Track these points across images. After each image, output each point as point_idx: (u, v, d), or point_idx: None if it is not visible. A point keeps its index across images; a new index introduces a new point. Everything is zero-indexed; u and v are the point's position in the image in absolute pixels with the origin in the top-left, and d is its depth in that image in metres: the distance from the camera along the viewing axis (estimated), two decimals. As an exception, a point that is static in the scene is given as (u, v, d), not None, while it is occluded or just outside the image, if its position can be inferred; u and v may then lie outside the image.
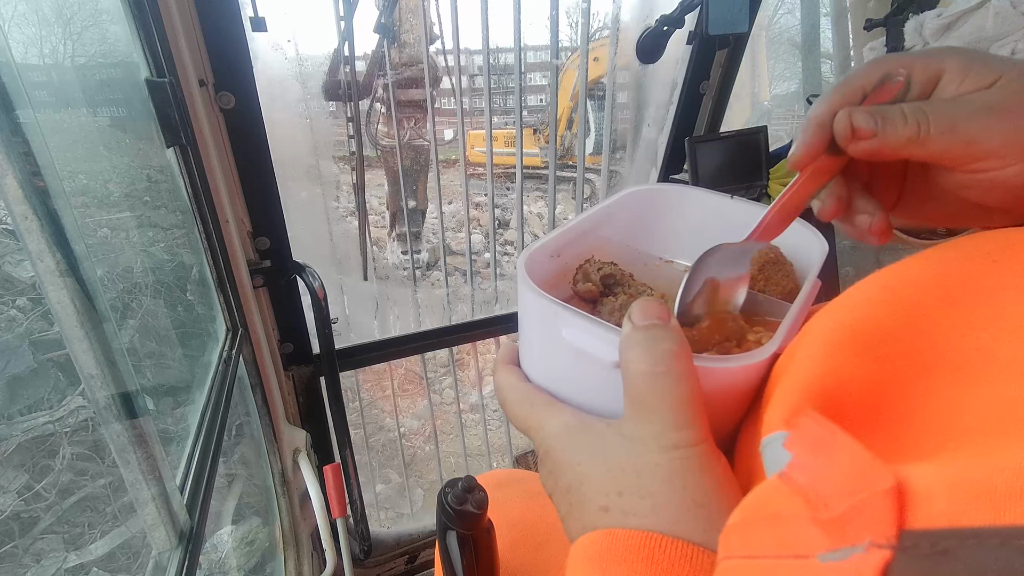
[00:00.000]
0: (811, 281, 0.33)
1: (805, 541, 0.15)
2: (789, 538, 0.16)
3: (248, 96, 0.77)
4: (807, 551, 0.15)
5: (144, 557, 0.90)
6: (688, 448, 0.24)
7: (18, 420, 0.91)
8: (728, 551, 0.19)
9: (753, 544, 0.18)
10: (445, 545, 0.47)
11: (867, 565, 0.13)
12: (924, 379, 0.21)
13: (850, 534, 0.14)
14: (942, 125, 0.25)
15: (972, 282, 0.22)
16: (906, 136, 0.26)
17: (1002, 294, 0.21)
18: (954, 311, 0.22)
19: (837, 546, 0.14)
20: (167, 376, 0.78)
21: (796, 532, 0.16)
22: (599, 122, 4.29)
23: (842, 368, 0.22)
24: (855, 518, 0.14)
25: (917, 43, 0.90)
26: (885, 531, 0.13)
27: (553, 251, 0.37)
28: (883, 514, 0.14)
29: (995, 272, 0.22)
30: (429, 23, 2.32)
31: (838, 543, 0.14)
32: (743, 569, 0.18)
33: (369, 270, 2.10)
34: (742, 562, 0.18)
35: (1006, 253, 0.22)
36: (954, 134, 0.25)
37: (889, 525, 0.13)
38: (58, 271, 0.39)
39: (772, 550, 0.17)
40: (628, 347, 0.25)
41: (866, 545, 0.14)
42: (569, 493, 0.28)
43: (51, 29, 0.68)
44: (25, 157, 0.37)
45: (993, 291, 0.21)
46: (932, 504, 0.13)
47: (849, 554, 0.14)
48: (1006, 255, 0.22)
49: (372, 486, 2.12)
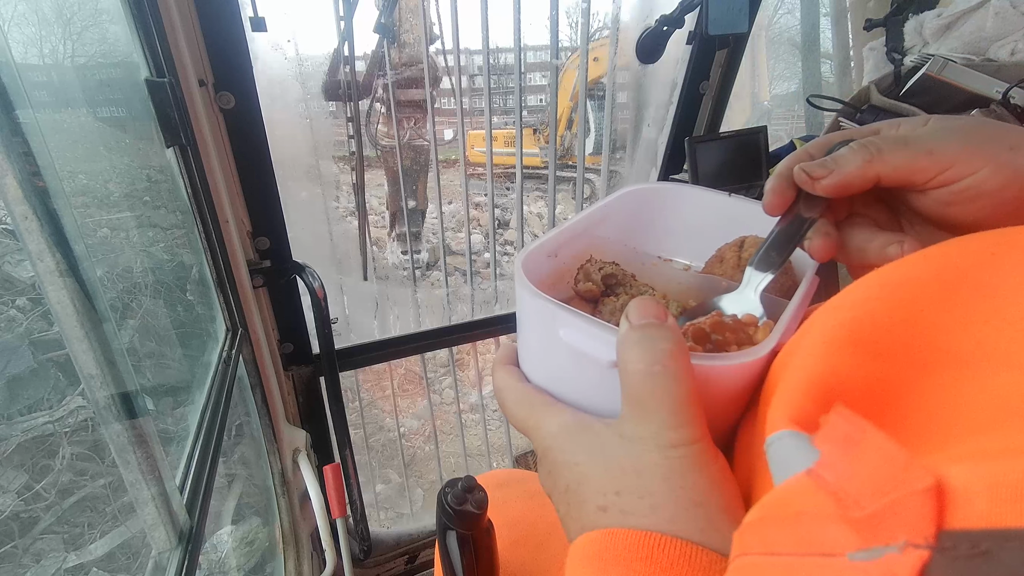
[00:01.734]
0: (809, 278, 0.33)
1: (833, 539, 0.15)
2: (815, 536, 0.16)
3: (248, 96, 0.77)
4: (835, 549, 0.15)
5: (144, 557, 0.90)
6: (686, 447, 0.24)
7: (18, 420, 0.91)
8: (744, 548, 0.19)
9: (774, 541, 0.18)
10: (445, 545, 0.47)
11: (902, 565, 0.13)
12: (926, 375, 0.21)
13: (883, 533, 0.14)
14: (893, 143, 0.29)
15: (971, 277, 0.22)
16: (861, 159, 0.29)
17: (1002, 288, 0.21)
18: (954, 306, 0.22)
19: (868, 545, 0.14)
20: (167, 376, 0.78)
21: (823, 530, 0.16)
22: (599, 122, 4.29)
23: (843, 366, 0.22)
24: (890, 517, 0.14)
25: (917, 43, 0.90)
26: (923, 531, 0.13)
27: (551, 251, 0.38)
28: (921, 513, 0.13)
29: (994, 266, 0.22)
30: (429, 23, 2.33)
31: (870, 542, 0.14)
32: (761, 566, 0.18)
33: (369, 270, 2.10)
34: (761, 559, 0.18)
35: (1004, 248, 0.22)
36: (908, 146, 0.28)
37: (928, 525, 0.13)
38: (58, 271, 0.39)
39: (795, 547, 0.16)
40: (625, 346, 0.25)
41: (902, 545, 0.13)
42: (568, 493, 0.28)
43: (51, 29, 0.68)
44: (25, 157, 0.37)
45: (992, 285, 0.21)
46: (971, 504, 0.13)
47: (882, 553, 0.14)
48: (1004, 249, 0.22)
49: (372, 486, 2.12)
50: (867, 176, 0.29)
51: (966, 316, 0.21)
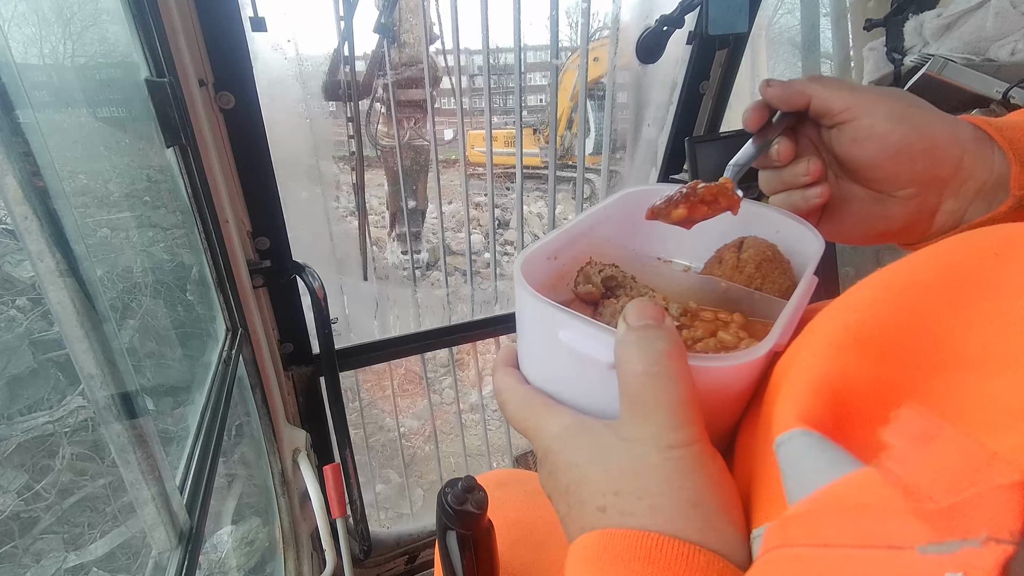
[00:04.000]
0: (807, 278, 0.33)
1: (900, 532, 0.15)
2: (879, 528, 0.16)
3: (248, 96, 0.77)
4: (903, 542, 0.15)
5: (144, 557, 0.90)
6: (684, 448, 0.25)
7: (18, 420, 0.91)
8: (786, 540, 0.19)
9: (828, 533, 0.17)
10: (445, 545, 0.47)
11: (982, 559, 0.13)
12: (933, 376, 0.21)
13: (960, 527, 0.14)
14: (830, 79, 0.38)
15: (975, 277, 0.22)
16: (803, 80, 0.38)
17: (1005, 288, 0.21)
18: (958, 307, 0.22)
19: (943, 539, 0.14)
20: (167, 376, 0.78)
21: (889, 523, 0.16)
22: (599, 122, 4.29)
23: (850, 367, 0.22)
24: (970, 511, 0.14)
25: (917, 43, 0.90)
26: (1008, 525, 0.13)
27: (551, 253, 0.38)
28: (1006, 508, 0.13)
29: (998, 266, 0.22)
30: (429, 23, 2.33)
31: (944, 536, 0.14)
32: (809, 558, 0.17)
33: (369, 270, 2.11)
34: (809, 551, 0.18)
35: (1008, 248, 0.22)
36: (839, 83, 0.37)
37: (1014, 519, 0.13)
38: (58, 271, 0.39)
39: (854, 540, 0.16)
40: (623, 348, 0.26)
41: (983, 539, 0.13)
42: (568, 494, 0.28)
43: (51, 29, 0.68)
44: (25, 157, 0.37)
45: (996, 286, 0.21)
46: None
47: (959, 547, 0.14)
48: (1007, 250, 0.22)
49: (372, 486, 2.12)
50: (804, 93, 0.38)
51: (971, 317, 0.21)
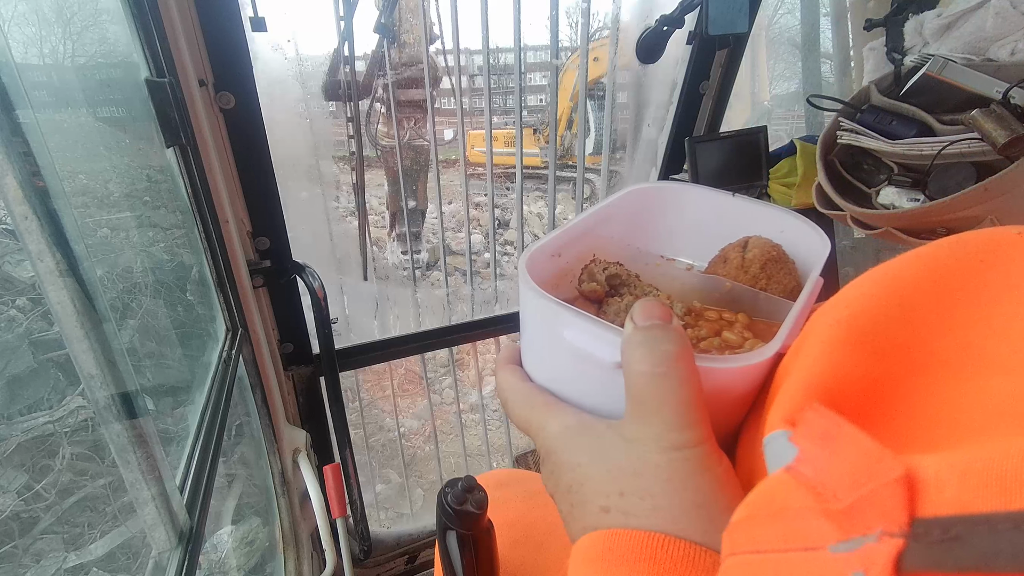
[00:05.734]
0: (813, 279, 0.32)
1: (814, 533, 0.16)
2: (798, 531, 0.16)
3: (248, 96, 0.77)
4: (817, 543, 0.15)
5: (144, 557, 0.90)
6: (689, 449, 0.24)
7: (18, 420, 0.90)
8: (733, 548, 0.19)
9: (760, 539, 0.18)
10: (445, 545, 0.47)
11: (879, 554, 0.13)
12: (917, 375, 0.21)
13: (861, 524, 0.14)
14: None
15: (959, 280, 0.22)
16: None
17: (986, 294, 0.21)
18: (943, 308, 0.22)
19: (848, 536, 0.14)
20: (167, 376, 0.78)
21: (805, 525, 0.16)
22: (599, 122, 4.29)
23: (841, 365, 0.22)
24: (866, 508, 0.14)
25: (917, 43, 0.90)
26: (897, 519, 0.14)
27: (554, 251, 0.37)
28: (894, 503, 0.14)
29: (982, 272, 0.22)
30: (429, 23, 2.32)
31: (849, 533, 0.15)
32: (750, 565, 0.18)
33: (369, 270, 2.10)
34: (749, 557, 0.18)
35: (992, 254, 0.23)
36: None
37: (901, 513, 0.14)
38: (58, 271, 0.39)
39: (780, 544, 0.17)
40: (630, 348, 0.25)
41: (878, 534, 0.14)
42: (570, 494, 0.27)
43: (51, 29, 0.68)
44: (25, 157, 0.37)
45: (979, 290, 0.22)
46: (942, 491, 0.13)
47: (860, 544, 0.14)
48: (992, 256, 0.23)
49: (372, 486, 2.12)
50: None
51: (953, 319, 0.21)
